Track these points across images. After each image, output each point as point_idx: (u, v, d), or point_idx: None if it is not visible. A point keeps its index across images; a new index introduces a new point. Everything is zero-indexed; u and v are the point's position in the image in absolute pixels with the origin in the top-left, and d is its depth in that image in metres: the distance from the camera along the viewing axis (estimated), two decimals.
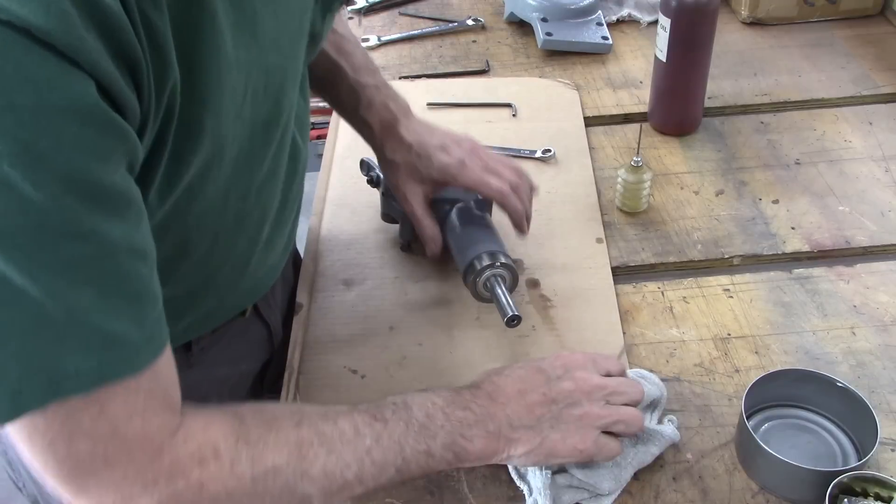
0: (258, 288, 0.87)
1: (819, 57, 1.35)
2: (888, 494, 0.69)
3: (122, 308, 0.53)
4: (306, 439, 0.63)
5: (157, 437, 0.57)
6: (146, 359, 0.55)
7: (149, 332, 0.55)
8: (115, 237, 0.52)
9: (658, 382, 0.81)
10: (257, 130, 0.68)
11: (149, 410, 0.56)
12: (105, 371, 0.52)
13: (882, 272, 0.96)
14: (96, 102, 0.48)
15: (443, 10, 1.54)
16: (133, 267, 0.54)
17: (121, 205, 0.52)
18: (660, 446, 0.76)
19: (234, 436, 0.60)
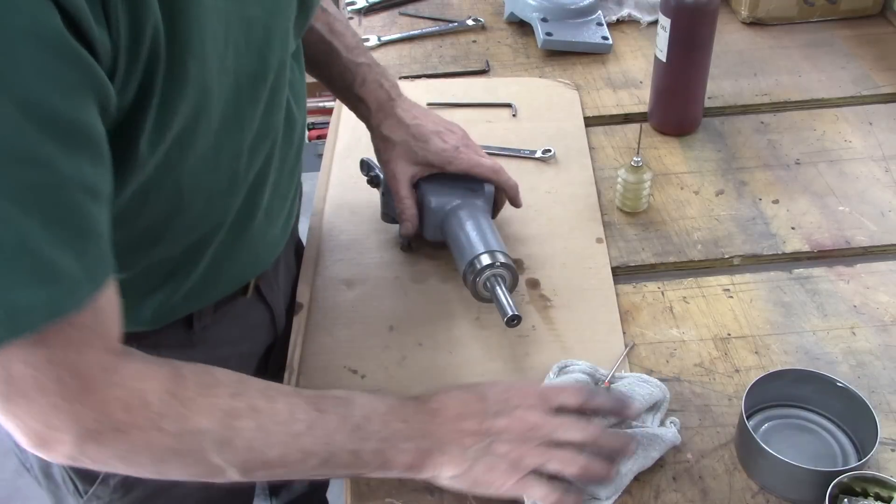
0: (259, 262, 0.87)
1: (819, 57, 1.35)
2: (888, 494, 0.69)
3: (66, 241, 0.53)
4: (238, 409, 0.63)
5: (90, 374, 0.58)
6: (87, 294, 0.55)
7: (90, 268, 0.55)
8: (69, 171, 0.52)
9: (660, 385, 0.81)
10: (243, 84, 0.68)
11: (86, 345, 0.57)
12: (53, 306, 0.53)
13: (882, 272, 0.96)
14: (61, 33, 0.48)
15: (443, 10, 1.54)
16: (83, 203, 0.54)
17: (80, 141, 0.52)
18: (660, 450, 0.76)
19: (168, 391, 0.61)
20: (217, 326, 0.88)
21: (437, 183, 0.97)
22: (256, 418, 0.64)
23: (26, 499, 1.94)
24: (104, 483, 0.88)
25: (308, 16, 0.80)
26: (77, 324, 0.56)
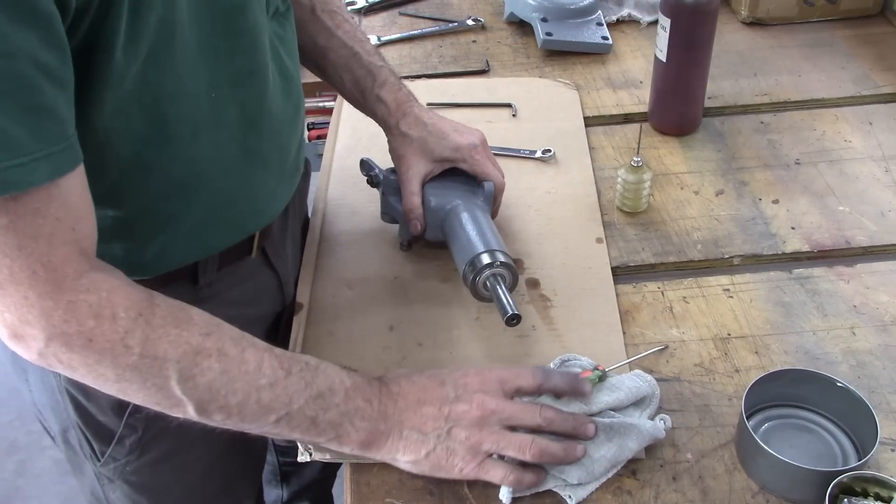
0: (259, 214, 0.88)
1: (819, 57, 1.35)
2: (888, 494, 0.69)
3: (17, 114, 0.54)
4: (207, 349, 0.65)
5: (60, 269, 0.60)
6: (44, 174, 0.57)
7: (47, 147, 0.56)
8: (19, 43, 0.52)
9: (649, 379, 0.81)
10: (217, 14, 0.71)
11: (56, 239, 0.59)
12: (6, 178, 0.54)
13: (882, 272, 0.96)
14: None
15: (443, 10, 1.54)
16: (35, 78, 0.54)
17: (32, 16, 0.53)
18: (639, 441, 0.76)
19: (139, 311, 0.63)
20: (222, 285, 0.88)
21: (437, 183, 0.97)
22: (222, 362, 0.66)
23: (26, 499, 1.94)
24: (120, 443, 0.89)
25: None
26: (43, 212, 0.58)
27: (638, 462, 0.77)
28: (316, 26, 0.97)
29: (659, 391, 0.81)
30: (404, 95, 0.98)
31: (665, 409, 0.82)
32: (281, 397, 0.68)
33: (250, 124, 0.80)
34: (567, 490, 0.75)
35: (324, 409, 0.70)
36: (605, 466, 0.75)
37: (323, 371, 0.71)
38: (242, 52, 0.76)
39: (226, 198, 0.81)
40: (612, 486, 0.76)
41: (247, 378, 0.67)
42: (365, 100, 0.99)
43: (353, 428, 0.71)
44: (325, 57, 0.98)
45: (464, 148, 0.96)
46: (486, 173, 0.96)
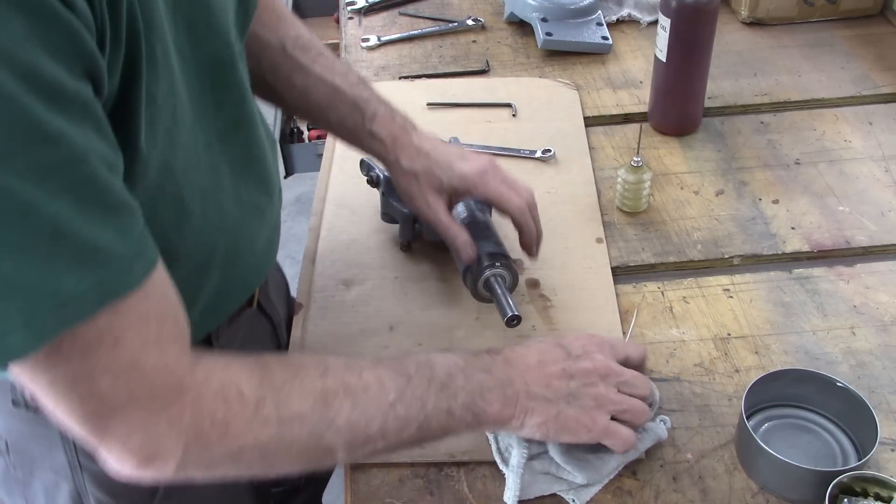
0: (262, 265, 0.85)
1: (819, 57, 1.35)
2: (888, 494, 0.69)
3: (102, 218, 0.50)
4: (332, 389, 0.62)
5: (177, 369, 0.55)
6: (140, 273, 0.53)
7: (136, 246, 0.53)
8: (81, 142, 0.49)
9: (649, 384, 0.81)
10: (204, 71, 0.66)
11: (163, 338, 0.55)
12: (104, 288, 0.50)
13: (882, 272, 0.96)
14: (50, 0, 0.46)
15: (443, 10, 1.54)
16: (106, 175, 0.51)
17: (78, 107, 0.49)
18: (643, 441, 0.76)
19: (258, 378, 0.59)
20: (233, 344, 0.87)
21: None
22: (350, 395, 0.63)
23: None
24: None
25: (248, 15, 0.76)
26: (146, 314, 0.53)
27: (638, 462, 0.77)
28: (290, 65, 0.89)
29: (658, 394, 0.81)
30: (399, 127, 0.90)
31: (665, 409, 0.82)
32: (414, 404, 0.65)
33: (240, 176, 0.76)
34: (570, 493, 0.75)
35: (454, 396, 0.67)
36: (612, 466, 0.75)
37: (435, 362, 0.69)
38: (230, 105, 0.72)
39: (234, 261, 0.77)
40: (612, 486, 0.76)
41: (377, 401, 0.64)
42: (357, 137, 0.91)
43: (485, 402, 0.68)
44: (305, 97, 0.90)
45: (471, 175, 0.88)
46: (500, 197, 0.88)
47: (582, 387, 0.72)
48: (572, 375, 0.72)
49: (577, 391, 0.72)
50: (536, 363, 0.72)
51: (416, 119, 1.04)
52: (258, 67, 0.88)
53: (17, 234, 0.47)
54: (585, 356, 0.74)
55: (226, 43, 0.68)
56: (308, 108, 0.90)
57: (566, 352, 0.74)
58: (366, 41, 1.44)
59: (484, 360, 0.71)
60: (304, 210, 2.66)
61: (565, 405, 0.71)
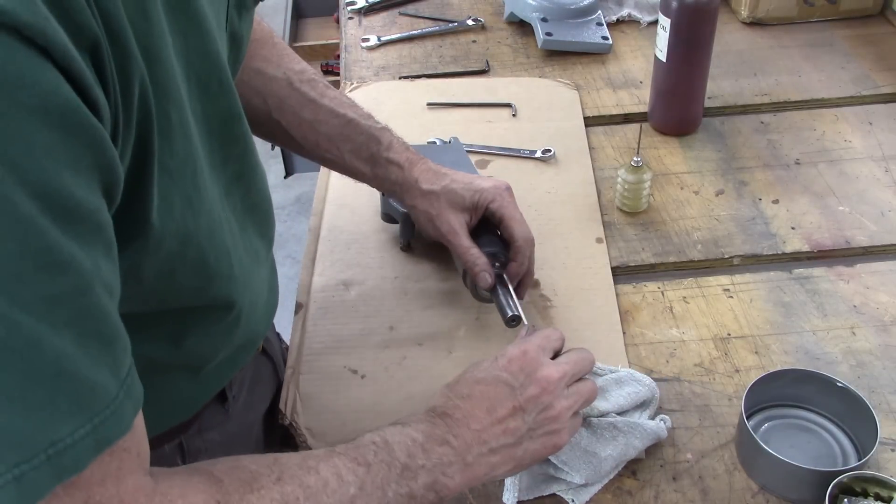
0: (268, 315, 0.82)
1: (819, 57, 1.35)
2: (888, 494, 0.69)
3: (99, 354, 0.46)
4: (291, 495, 0.58)
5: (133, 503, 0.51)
6: (130, 415, 0.48)
7: (127, 384, 0.48)
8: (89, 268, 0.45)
9: (650, 383, 0.81)
10: (214, 128, 0.63)
11: (123, 472, 0.50)
12: (99, 434, 0.46)
13: (882, 272, 0.96)
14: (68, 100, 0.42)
15: (443, 10, 1.54)
16: (106, 305, 0.47)
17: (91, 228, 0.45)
18: (642, 440, 0.76)
19: (216, 500, 0.55)
20: (243, 392, 0.86)
21: None
22: (310, 496, 0.59)
23: None
24: None
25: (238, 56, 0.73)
26: (117, 451, 0.49)
27: (638, 462, 0.77)
28: (298, 99, 0.88)
29: (658, 393, 0.81)
30: (413, 154, 0.90)
31: (665, 409, 0.82)
32: (374, 494, 0.62)
33: (244, 226, 0.72)
34: (570, 493, 0.75)
35: (415, 478, 0.64)
36: (611, 465, 0.75)
37: (393, 442, 0.65)
38: (234, 158, 0.68)
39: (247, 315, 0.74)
40: (612, 486, 0.76)
41: (337, 497, 0.60)
42: (374, 166, 0.90)
43: (446, 478, 0.66)
44: (315, 131, 0.89)
45: (490, 189, 0.88)
46: (513, 218, 0.88)
47: (538, 415, 0.69)
48: (524, 409, 0.69)
49: (534, 423, 0.69)
50: (486, 412, 0.68)
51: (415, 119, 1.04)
52: (263, 104, 0.86)
53: (19, 378, 0.42)
54: (528, 380, 0.70)
55: (234, 97, 0.65)
56: (317, 141, 0.89)
57: (509, 386, 0.70)
58: (366, 41, 1.44)
59: (440, 429, 0.67)
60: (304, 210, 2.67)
61: (528, 441, 0.69)
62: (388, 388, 0.86)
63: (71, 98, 0.42)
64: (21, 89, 0.40)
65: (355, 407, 0.84)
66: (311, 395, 0.86)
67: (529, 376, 0.71)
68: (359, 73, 1.36)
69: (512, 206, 0.89)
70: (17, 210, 0.40)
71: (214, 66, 0.61)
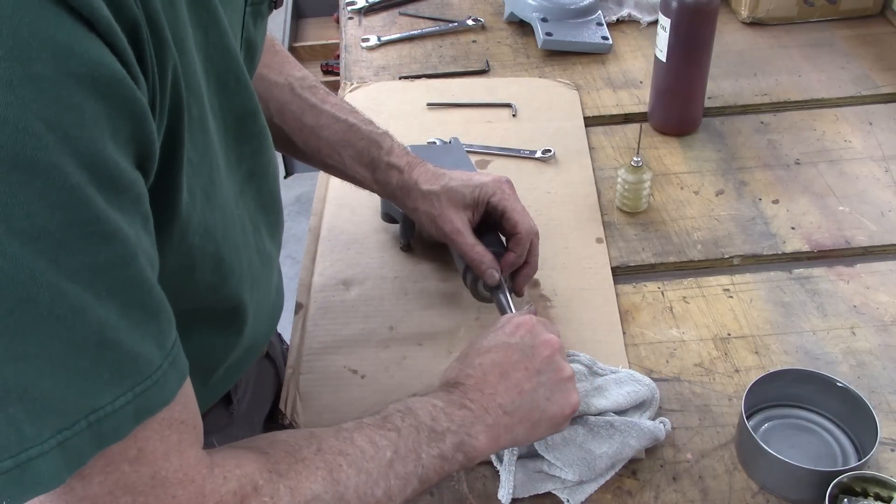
0: (276, 314, 0.82)
1: (819, 57, 1.35)
2: (888, 494, 0.69)
3: (145, 325, 0.46)
4: (334, 463, 0.60)
5: (197, 476, 0.52)
6: (174, 386, 0.49)
7: (172, 355, 0.49)
8: (133, 239, 0.45)
9: (649, 383, 0.81)
10: (230, 124, 0.63)
11: (183, 445, 0.51)
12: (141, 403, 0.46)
13: (882, 272, 0.96)
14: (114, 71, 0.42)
15: (443, 10, 1.54)
16: (150, 277, 0.47)
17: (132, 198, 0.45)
18: (639, 439, 0.76)
19: (267, 469, 0.57)
20: (248, 394, 0.86)
21: None
22: (352, 462, 0.61)
23: None
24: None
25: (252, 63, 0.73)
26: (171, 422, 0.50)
27: (638, 462, 0.77)
28: (299, 105, 0.89)
29: (658, 394, 0.81)
30: (413, 157, 0.91)
31: (665, 409, 0.82)
32: (410, 457, 0.64)
33: (257, 227, 0.73)
34: (565, 493, 0.75)
35: (442, 440, 0.66)
36: (606, 464, 0.75)
37: (415, 408, 0.67)
38: (249, 156, 0.68)
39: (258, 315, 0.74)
40: (612, 486, 0.76)
41: (376, 462, 0.62)
42: (375, 170, 0.90)
43: (472, 438, 0.67)
44: (317, 136, 0.89)
45: (489, 184, 0.88)
46: (514, 211, 0.87)
47: (551, 374, 0.71)
48: (538, 370, 0.71)
49: (548, 382, 0.71)
50: (499, 377, 0.70)
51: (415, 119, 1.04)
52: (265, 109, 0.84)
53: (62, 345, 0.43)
54: (535, 342, 0.72)
55: (250, 94, 0.66)
56: (318, 146, 0.90)
57: (520, 350, 0.72)
58: (366, 41, 1.44)
59: (456, 395, 0.69)
60: (304, 210, 2.67)
61: (545, 402, 0.70)
62: (388, 388, 0.86)
63: (116, 69, 0.42)
64: (71, 57, 0.40)
65: (355, 407, 0.84)
66: (311, 395, 0.86)
67: (536, 339, 0.73)
68: (359, 74, 1.36)
69: (513, 198, 0.89)
70: (67, 179, 0.40)
71: (232, 63, 0.61)
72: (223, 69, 0.60)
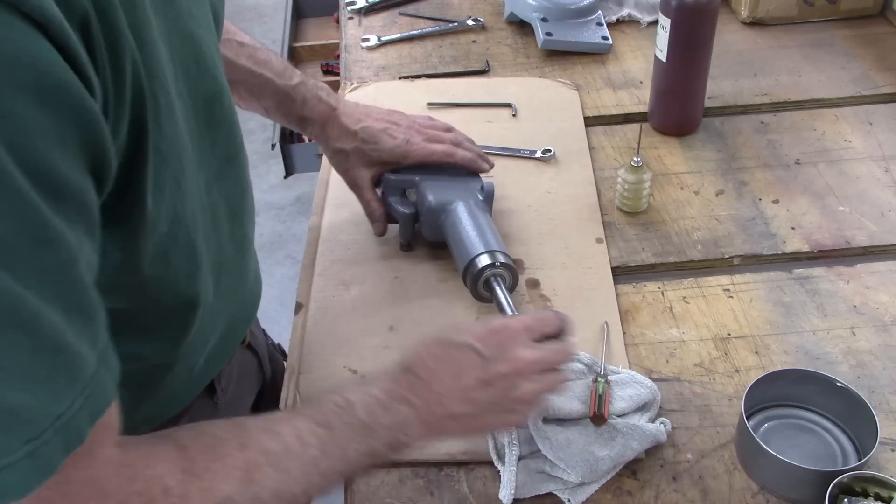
0: (254, 300, 0.85)
1: (819, 57, 1.35)
2: (888, 494, 0.69)
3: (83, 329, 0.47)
4: (253, 462, 0.60)
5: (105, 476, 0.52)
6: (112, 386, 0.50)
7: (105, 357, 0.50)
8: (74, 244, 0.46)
9: (651, 385, 0.81)
10: (199, 109, 0.64)
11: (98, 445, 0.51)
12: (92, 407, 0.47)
13: (882, 272, 0.96)
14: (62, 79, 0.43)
15: (443, 10, 1.54)
16: (88, 281, 0.48)
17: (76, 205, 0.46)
18: (640, 442, 0.76)
19: (180, 470, 0.56)
20: (231, 385, 0.87)
21: (435, 181, 0.97)
22: (272, 462, 0.60)
23: None
24: None
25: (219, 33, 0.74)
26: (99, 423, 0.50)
27: (638, 462, 0.77)
28: None
29: (660, 396, 0.81)
30: (326, 107, 0.97)
31: (665, 409, 0.82)
32: (336, 454, 0.63)
33: (235, 214, 0.74)
34: (566, 493, 0.75)
35: (375, 437, 0.65)
36: (608, 466, 0.75)
37: (354, 401, 0.66)
38: (222, 141, 0.69)
39: (235, 301, 0.76)
40: (612, 486, 0.76)
41: (300, 461, 0.62)
42: (290, 122, 0.98)
43: (406, 437, 0.67)
44: (236, 92, 0.93)
45: (398, 147, 0.96)
46: (426, 158, 0.96)
47: (501, 392, 0.69)
48: (490, 383, 0.69)
49: (496, 398, 0.69)
50: (452, 377, 0.68)
51: None
52: None
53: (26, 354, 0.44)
54: (501, 356, 0.69)
55: (214, 76, 0.66)
56: (238, 98, 0.94)
57: (481, 357, 0.69)
58: (366, 41, 1.44)
59: (402, 387, 0.68)
60: (304, 210, 2.67)
61: (488, 414, 0.69)
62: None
63: (65, 76, 0.43)
64: (17, 67, 0.40)
65: None
66: (311, 395, 0.86)
67: (504, 352, 0.70)
68: (359, 73, 1.36)
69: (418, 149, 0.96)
70: (16, 186, 0.41)
71: (192, 47, 0.62)
72: (185, 54, 0.61)
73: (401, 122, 1.00)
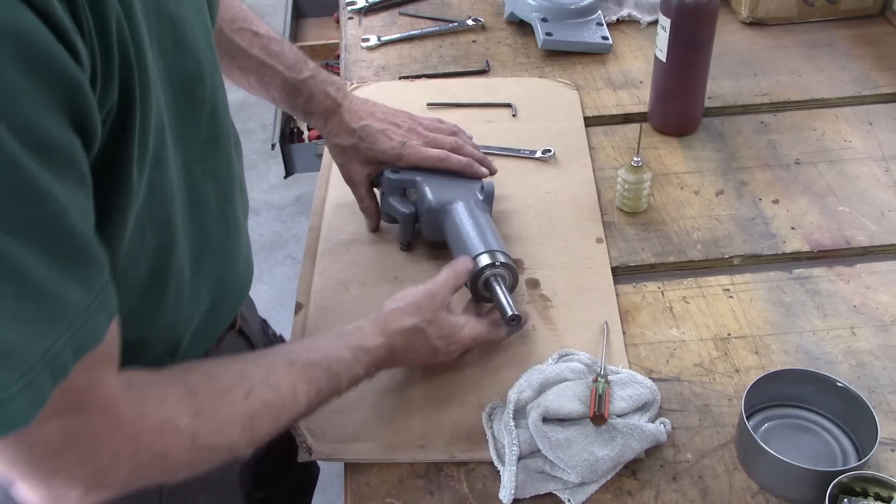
0: (244, 283, 0.85)
1: (819, 57, 1.35)
2: (888, 494, 0.69)
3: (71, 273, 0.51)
4: (256, 412, 0.67)
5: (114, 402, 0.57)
6: (104, 326, 0.54)
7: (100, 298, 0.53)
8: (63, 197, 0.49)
9: (651, 385, 0.81)
10: (177, 88, 0.65)
11: (106, 376, 0.56)
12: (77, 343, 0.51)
13: (882, 272, 0.96)
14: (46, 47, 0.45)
15: (443, 10, 1.54)
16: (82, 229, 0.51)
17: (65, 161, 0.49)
18: (640, 442, 0.76)
19: (191, 411, 0.63)
20: None
21: (435, 181, 0.97)
22: (271, 412, 0.69)
23: None
24: None
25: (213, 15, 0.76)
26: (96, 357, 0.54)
27: (638, 462, 0.77)
28: (231, 49, 0.94)
29: (660, 396, 0.81)
30: (332, 102, 0.99)
31: (665, 409, 0.82)
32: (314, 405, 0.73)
33: (224, 195, 0.76)
34: (566, 493, 0.75)
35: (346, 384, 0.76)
36: (608, 466, 0.75)
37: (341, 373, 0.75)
38: (206, 122, 0.71)
39: (222, 282, 0.78)
40: (612, 486, 0.76)
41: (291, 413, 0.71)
42: (295, 113, 1.02)
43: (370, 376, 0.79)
44: (247, 79, 0.98)
45: (394, 149, 0.98)
46: (421, 162, 0.98)
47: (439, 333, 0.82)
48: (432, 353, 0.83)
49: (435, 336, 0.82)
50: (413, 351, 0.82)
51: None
52: None
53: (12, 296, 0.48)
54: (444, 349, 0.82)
55: (193, 56, 0.67)
56: (248, 85, 0.98)
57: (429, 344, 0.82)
58: (366, 41, 1.44)
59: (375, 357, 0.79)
60: (304, 210, 2.67)
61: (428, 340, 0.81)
62: (387, 388, 0.86)
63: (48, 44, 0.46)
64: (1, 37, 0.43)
65: (355, 407, 0.84)
66: None
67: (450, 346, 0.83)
68: (359, 73, 1.36)
69: (414, 152, 0.98)
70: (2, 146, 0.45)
71: (167, 24, 0.63)
72: (160, 31, 0.62)
73: (402, 123, 1.01)
